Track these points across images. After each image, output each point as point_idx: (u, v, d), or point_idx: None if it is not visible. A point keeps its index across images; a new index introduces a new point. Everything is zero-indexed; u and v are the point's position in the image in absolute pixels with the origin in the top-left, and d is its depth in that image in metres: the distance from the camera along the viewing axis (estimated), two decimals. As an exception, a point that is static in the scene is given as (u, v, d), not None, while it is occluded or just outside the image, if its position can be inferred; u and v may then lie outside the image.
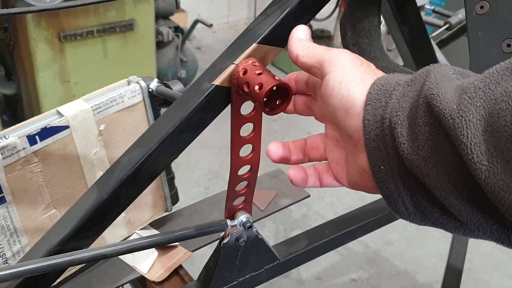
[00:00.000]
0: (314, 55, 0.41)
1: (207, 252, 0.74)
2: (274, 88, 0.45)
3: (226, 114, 0.55)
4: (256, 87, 0.46)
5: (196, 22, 2.63)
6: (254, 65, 0.49)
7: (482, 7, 0.39)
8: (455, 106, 0.30)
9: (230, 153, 0.56)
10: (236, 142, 0.55)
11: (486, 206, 0.32)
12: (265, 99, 0.47)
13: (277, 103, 0.48)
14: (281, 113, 0.50)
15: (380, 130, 0.35)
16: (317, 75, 0.41)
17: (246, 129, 0.55)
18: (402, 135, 0.33)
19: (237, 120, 0.53)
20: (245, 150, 0.57)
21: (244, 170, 0.60)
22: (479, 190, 0.31)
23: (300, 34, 0.44)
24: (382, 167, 0.35)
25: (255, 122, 0.55)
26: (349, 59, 0.39)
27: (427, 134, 0.32)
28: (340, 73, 0.38)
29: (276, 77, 0.46)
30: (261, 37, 0.53)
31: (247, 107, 0.52)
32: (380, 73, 0.40)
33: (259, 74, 0.47)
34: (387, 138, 0.34)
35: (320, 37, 3.19)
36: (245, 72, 0.48)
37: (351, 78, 0.37)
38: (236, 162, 0.57)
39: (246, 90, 0.48)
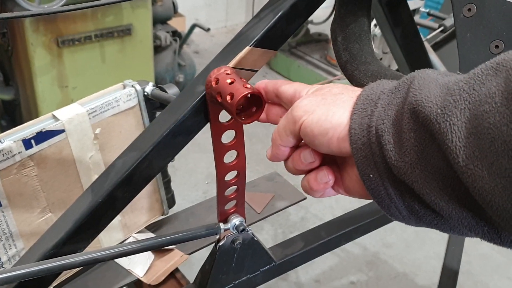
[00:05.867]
0: (284, 130, 0.41)
1: (205, 255, 0.74)
2: (249, 95, 0.44)
3: (223, 117, 0.54)
4: (228, 97, 0.45)
5: (193, 26, 2.64)
6: (227, 74, 0.48)
7: (469, 9, 0.40)
8: (439, 110, 0.30)
9: (214, 160, 0.56)
10: (219, 149, 0.54)
11: (475, 209, 0.32)
12: (241, 107, 0.46)
13: (253, 110, 0.47)
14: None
15: (367, 139, 0.35)
16: (297, 132, 0.41)
17: (228, 136, 0.55)
18: (389, 142, 0.33)
19: (217, 128, 0.53)
20: (230, 156, 0.57)
21: (231, 175, 0.60)
22: (467, 194, 0.31)
23: (268, 154, 0.44)
24: (371, 175, 0.35)
25: (236, 128, 0.54)
26: (308, 101, 0.39)
27: (412, 140, 0.32)
28: (311, 115, 0.38)
29: (248, 85, 0.45)
30: (254, 40, 0.53)
31: (227, 114, 0.51)
32: (354, 88, 0.40)
33: (230, 83, 0.46)
34: (374, 146, 0.34)
35: (317, 41, 3.20)
36: (217, 82, 0.47)
37: (324, 111, 0.38)
38: (221, 168, 0.57)
39: (219, 100, 0.47)
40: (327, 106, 0.38)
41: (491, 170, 0.28)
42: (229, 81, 0.46)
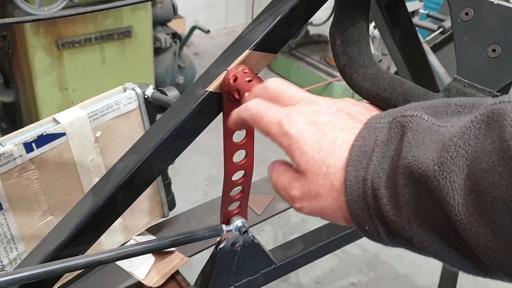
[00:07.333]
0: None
1: (205, 257, 0.74)
2: None
3: (222, 119, 0.55)
4: (246, 94, 0.47)
5: (193, 28, 2.64)
6: (244, 72, 0.50)
7: (467, 13, 0.40)
8: (437, 167, 0.30)
9: (224, 159, 0.57)
10: (229, 148, 0.56)
11: (477, 258, 0.31)
12: None
13: None
14: None
15: (362, 191, 0.34)
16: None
17: (239, 135, 0.56)
18: (386, 196, 0.33)
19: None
20: (239, 156, 0.58)
21: (238, 175, 0.60)
22: (468, 246, 0.30)
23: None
24: (367, 227, 0.35)
25: (247, 128, 0.55)
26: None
27: (407, 196, 0.32)
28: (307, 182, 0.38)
29: None
30: (253, 44, 0.53)
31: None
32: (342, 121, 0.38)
33: (249, 81, 0.48)
34: (369, 199, 0.34)
35: (317, 42, 3.20)
36: (235, 79, 0.49)
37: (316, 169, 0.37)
38: (229, 167, 0.58)
39: (236, 97, 0.48)
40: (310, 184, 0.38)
41: (494, 228, 0.28)
42: (247, 79, 0.48)
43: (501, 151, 0.28)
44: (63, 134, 0.72)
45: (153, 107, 0.82)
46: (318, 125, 0.37)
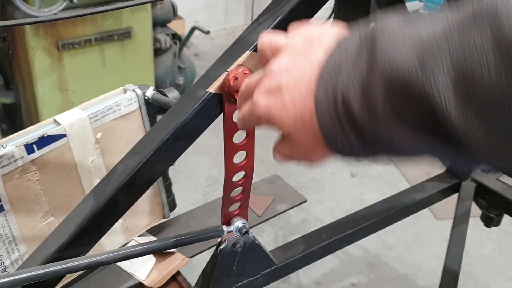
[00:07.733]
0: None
1: (206, 258, 0.75)
2: None
3: (222, 120, 0.55)
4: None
5: (193, 29, 2.64)
6: (245, 73, 0.50)
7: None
8: (418, 67, 0.28)
9: (224, 160, 0.57)
10: (230, 149, 0.56)
11: (463, 146, 0.29)
12: None
13: None
14: None
15: (333, 106, 0.33)
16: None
17: (239, 136, 0.56)
18: (358, 110, 0.32)
19: (230, 127, 0.54)
20: (239, 157, 0.58)
21: (238, 176, 0.61)
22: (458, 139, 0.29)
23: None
24: (338, 138, 0.34)
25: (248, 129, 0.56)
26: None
27: (381, 103, 0.30)
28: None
29: None
30: (253, 45, 0.54)
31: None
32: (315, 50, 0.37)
33: None
34: (340, 111, 0.33)
35: (317, 43, 3.20)
36: (235, 80, 0.49)
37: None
38: (230, 168, 0.58)
39: (237, 98, 0.49)
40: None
41: (490, 125, 0.27)
42: None
43: (497, 45, 0.26)
44: (64, 136, 0.72)
45: (153, 108, 0.82)
46: (275, 91, 0.38)
